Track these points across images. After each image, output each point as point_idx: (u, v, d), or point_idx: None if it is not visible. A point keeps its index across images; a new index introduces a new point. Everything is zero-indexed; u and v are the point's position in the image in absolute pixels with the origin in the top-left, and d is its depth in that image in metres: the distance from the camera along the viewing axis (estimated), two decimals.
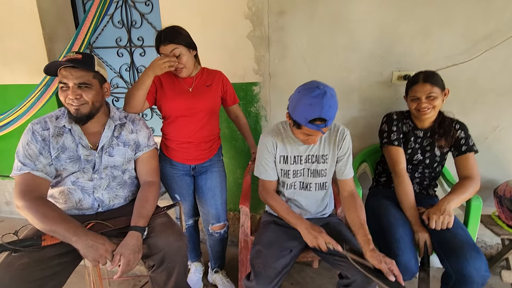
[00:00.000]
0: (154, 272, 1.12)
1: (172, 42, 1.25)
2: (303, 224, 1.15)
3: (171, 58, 1.25)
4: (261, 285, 1.08)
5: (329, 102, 1.01)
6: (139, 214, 1.12)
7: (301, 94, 1.05)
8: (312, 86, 1.04)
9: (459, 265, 1.05)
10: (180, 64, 1.29)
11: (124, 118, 1.24)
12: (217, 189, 1.50)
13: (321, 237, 1.09)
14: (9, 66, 2.14)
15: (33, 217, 0.99)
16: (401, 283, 0.98)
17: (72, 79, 1.05)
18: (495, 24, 1.48)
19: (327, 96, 1.01)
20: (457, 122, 1.37)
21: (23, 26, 2.04)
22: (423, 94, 1.29)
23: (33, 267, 0.97)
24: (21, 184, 1.03)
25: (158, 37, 1.27)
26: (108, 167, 1.18)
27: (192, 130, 1.39)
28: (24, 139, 1.08)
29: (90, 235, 1.00)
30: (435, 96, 1.28)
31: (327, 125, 1.04)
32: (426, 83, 1.29)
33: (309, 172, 1.26)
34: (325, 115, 1.01)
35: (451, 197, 1.24)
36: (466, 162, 1.31)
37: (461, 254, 1.06)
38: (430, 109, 1.29)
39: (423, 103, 1.29)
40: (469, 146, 1.32)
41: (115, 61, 2.21)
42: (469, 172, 1.30)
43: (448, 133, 1.34)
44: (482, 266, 1.03)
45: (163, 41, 1.26)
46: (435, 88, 1.28)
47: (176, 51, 1.26)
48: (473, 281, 1.03)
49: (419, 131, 1.40)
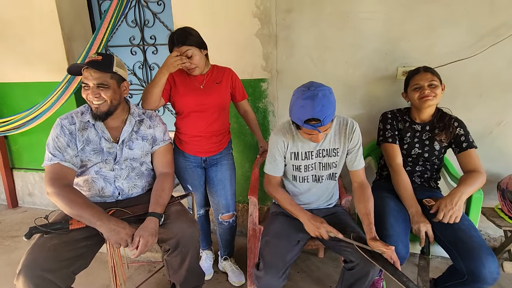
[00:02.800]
0: (169, 256, 1.22)
1: (185, 44, 1.32)
2: (305, 215, 1.21)
3: (182, 57, 1.32)
4: (270, 275, 1.13)
5: (321, 102, 1.04)
6: (156, 202, 1.21)
7: (295, 97, 1.12)
8: (305, 88, 1.09)
9: (475, 267, 1.08)
10: (193, 64, 1.36)
11: (142, 115, 1.33)
12: (227, 181, 1.59)
13: (323, 227, 1.16)
14: (30, 65, 2.27)
15: (62, 202, 1.10)
16: (398, 268, 1.06)
17: (92, 80, 1.15)
18: (500, 19, 1.49)
19: (319, 97, 1.04)
20: (455, 119, 1.41)
21: (43, 27, 2.15)
22: (425, 82, 1.38)
23: (62, 247, 1.07)
24: (51, 173, 1.14)
25: (171, 39, 1.34)
26: (128, 159, 1.28)
27: (203, 125, 1.47)
28: (54, 133, 1.18)
29: (112, 220, 1.10)
30: (436, 84, 1.37)
31: (323, 124, 1.07)
32: (427, 72, 1.39)
33: (321, 165, 1.31)
34: (318, 115, 1.04)
35: (464, 189, 1.25)
36: (470, 157, 1.35)
37: (477, 257, 1.09)
38: (432, 96, 1.36)
39: (426, 89, 1.37)
40: (469, 142, 1.36)
41: (129, 59, 2.31)
42: (474, 167, 1.33)
43: (448, 127, 1.38)
44: (495, 270, 1.07)
45: (176, 43, 1.33)
46: (435, 78, 1.38)
47: (188, 52, 1.33)
48: (485, 282, 1.08)
49: (417, 125, 1.45)
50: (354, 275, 1.16)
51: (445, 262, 1.77)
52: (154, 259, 1.86)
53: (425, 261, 1.24)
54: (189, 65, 1.35)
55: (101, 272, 1.74)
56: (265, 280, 1.15)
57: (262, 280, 1.16)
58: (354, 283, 1.17)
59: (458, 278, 1.16)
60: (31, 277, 0.99)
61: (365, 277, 1.14)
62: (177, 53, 1.32)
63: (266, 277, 1.14)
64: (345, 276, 1.20)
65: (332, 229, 1.16)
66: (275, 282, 1.14)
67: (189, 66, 1.36)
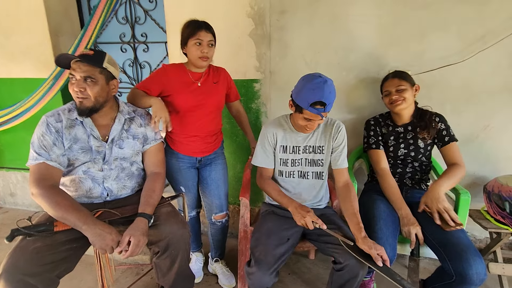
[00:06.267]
0: (158, 258, 1.18)
1: (211, 32, 1.34)
2: (293, 204, 1.23)
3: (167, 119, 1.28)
4: (261, 271, 1.15)
5: (329, 88, 1.13)
6: (146, 203, 1.18)
7: (305, 81, 1.18)
8: (315, 75, 1.17)
9: (462, 268, 1.11)
10: (210, 53, 1.36)
11: (132, 113, 1.30)
12: (221, 181, 1.58)
13: (308, 215, 1.17)
14: (16, 61, 2.19)
15: (46, 204, 1.05)
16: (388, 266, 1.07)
17: (79, 72, 1.11)
18: (488, 26, 1.53)
19: (328, 84, 1.13)
20: (436, 114, 1.46)
21: (30, 21, 2.08)
22: (393, 88, 1.45)
23: (45, 251, 1.03)
24: (36, 173, 1.09)
25: (197, 24, 1.32)
26: (117, 158, 1.24)
27: (200, 125, 1.46)
28: (39, 131, 1.13)
29: (98, 225, 1.06)
30: (403, 88, 1.43)
31: (326, 110, 1.15)
32: (394, 78, 1.47)
33: (307, 161, 1.35)
34: (326, 99, 1.12)
35: (441, 181, 1.33)
36: (451, 151, 1.42)
37: (465, 258, 1.12)
38: (401, 101, 1.42)
39: (393, 95, 1.44)
40: (451, 136, 1.43)
41: (119, 56, 2.25)
42: (455, 160, 1.41)
43: (430, 125, 1.43)
44: (482, 271, 1.11)
45: (206, 28, 1.32)
46: (403, 82, 1.44)
47: (212, 42, 1.35)
48: (472, 283, 1.11)
49: (399, 127, 1.50)
50: (343, 276, 1.16)
51: (433, 263, 1.80)
52: (142, 262, 1.82)
53: (415, 262, 1.26)
54: (206, 53, 1.33)
55: (85, 275, 1.68)
56: (256, 276, 1.16)
57: (253, 276, 1.17)
58: (344, 285, 1.18)
59: (447, 279, 1.18)
60: (12, 281, 0.95)
61: (354, 278, 1.15)
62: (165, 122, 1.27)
63: (257, 273, 1.15)
64: (335, 277, 1.21)
65: (318, 219, 1.17)
66: (266, 278, 1.15)
67: (207, 54, 1.34)
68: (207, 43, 1.32)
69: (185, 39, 1.35)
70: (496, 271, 1.48)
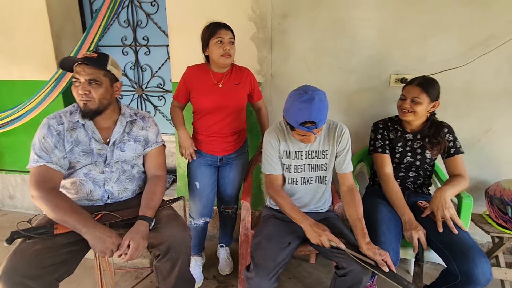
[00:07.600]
0: (159, 261, 1.17)
1: (230, 30, 1.39)
2: (307, 221, 1.19)
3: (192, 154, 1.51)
4: (260, 276, 1.13)
5: (318, 106, 1.09)
6: (147, 205, 1.17)
7: (292, 99, 1.14)
8: (302, 92, 1.12)
9: (468, 267, 1.10)
10: (232, 51, 1.38)
11: (134, 115, 1.29)
12: (236, 180, 1.64)
13: (325, 235, 1.13)
14: (17, 62, 2.18)
15: (47, 207, 1.04)
16: (394, 271, 1.05)
17: (84, 75, 1.11)
18: (490, 30, 1.54)
19: (315, 101, 1.08)
20: (446, 126, 1.44)
21: (32, 23, 2.08)
22: (409, 96, 1.37)
23: (45, 253, 1.02)
24: (36, 176, 1.08)
25: (216, 24, 1.37)
26: (119, 161, 1.24)
27: (220, 125, 1.48)
28: (40, 133, 1.13)
29: (98, 228, 1.05)
30: (419, 101, 1.35)
31: (317, 127, 1.12)
32: (417, 87, 1.36)
33: (310, 167, 1.33)
34: (314, 118, 1.09)
35: (445, 188, 1.32)
36: (456, 163, 1.40)
37: (470, 257, 1.11)
38: (410, 112, 1.37)
39: (406, 103, 1.38)
40: (457, 148, 1.41)
41: (120, 59, 2.26)
42: (459, 172, 1.39)
43: (443, 142, 1.40)
44: (488, 270, 1.10)
45: (225, 27, 1.37)
46: (423, 95, 1.34)
47: (232, 39, 1.38)
48: (478, 283, 1.10)
49: (408, 134, 1.47)
50: (347, 282, 1.14)
51: (435, 268, 1.79)
52: (142, 265, 1.80)
53: (419, 268, 1.24)
54: (228, 50, 1.36)
55: (85, 278, 1.67)
56: (255, 281, 1.14)
57: (252, 281, 1.15)
58: None
59: (452, 280, 1.17)
60: (12, 284, 0.94)
61: (358, 284, 1.13)
62: (193, 148, 1.50)
63: (256, 279, 1.13)
64: (337, 282, 1.19)
65: (334, 238, 1.13)
66: (265, 283, 1.14)
67: (229, 52, 1.37)
68: (228, 40, 1.35)
69: (206, 40, 1.38)
70: (499, 276, 1.47)
